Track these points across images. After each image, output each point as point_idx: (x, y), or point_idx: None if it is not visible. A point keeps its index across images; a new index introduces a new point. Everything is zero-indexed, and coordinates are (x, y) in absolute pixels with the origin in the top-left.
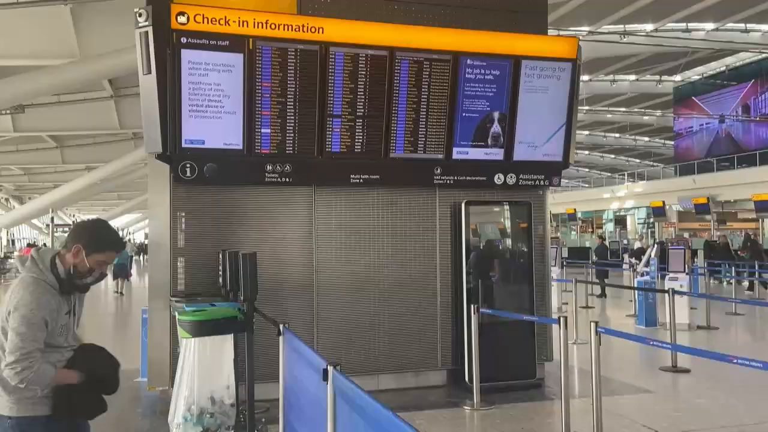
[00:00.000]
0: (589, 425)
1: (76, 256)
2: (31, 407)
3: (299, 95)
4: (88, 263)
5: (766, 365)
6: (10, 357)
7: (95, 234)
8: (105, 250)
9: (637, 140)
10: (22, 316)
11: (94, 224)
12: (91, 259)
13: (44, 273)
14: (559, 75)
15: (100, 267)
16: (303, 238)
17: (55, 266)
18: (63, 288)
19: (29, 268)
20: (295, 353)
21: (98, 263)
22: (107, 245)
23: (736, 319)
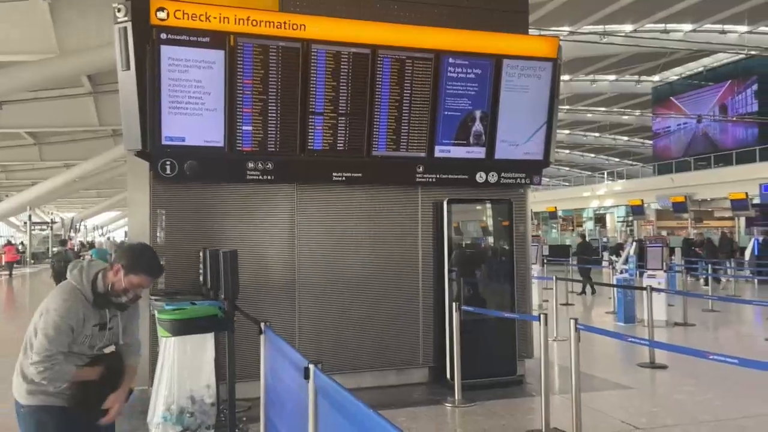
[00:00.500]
0: (569, 421)
1: (115, 275)
2: (47, 398)
3: (281, 92)
4: (123, 283)
5: (741, 361)
6: (35, 357)
7: (134, 257)
8: (139, 273)
9: (616, 139)
10: (53, 321)
11: (137, 248)
12: (126, 279)
13: (83, 284)
14: (539, 74)
15: (135, 289)
16: (285, 237)
17: (96, 280)
18: (97, 302)
19: (74, 276)
20: (276, 352)
21: (132, 285)
22: (142, 269)
23: (712, 316)
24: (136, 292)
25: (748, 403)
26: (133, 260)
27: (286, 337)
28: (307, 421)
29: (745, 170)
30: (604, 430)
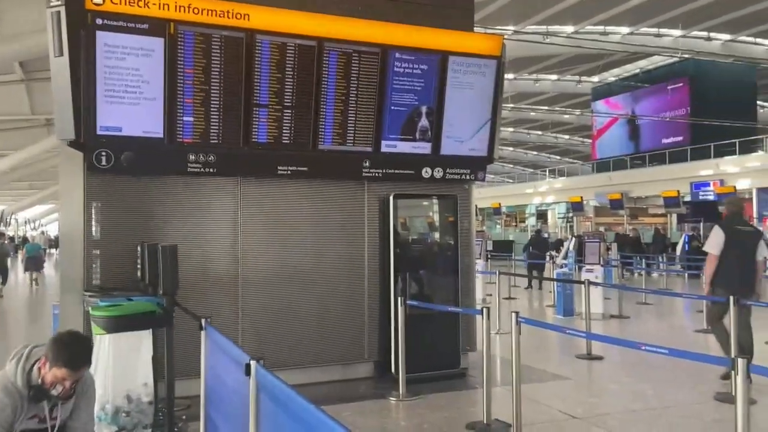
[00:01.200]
0: (510, 412)
1: (43, 367)
2: None
3: (224, 83)
4: (49, 376)
5: (671, 351)
6: None
7: (56, 347)
8: (60, 366)
9: (558, 138)
10: None
11: (61, 338)
12: (51, 372)
13: (17, 378)
14: (484, 72)
15: (61, 382)
16: (227, 231)
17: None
18: (34, 396)
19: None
20: (217, 348)
21: (57, 378)
22: (62, 361)
23: (645, 308)
24: (64, 385)
25: (677, 391)
26: (54, 351)
27: (228, 334)
28: (248, 418)
29: (678, 169)
30: (543, 420)
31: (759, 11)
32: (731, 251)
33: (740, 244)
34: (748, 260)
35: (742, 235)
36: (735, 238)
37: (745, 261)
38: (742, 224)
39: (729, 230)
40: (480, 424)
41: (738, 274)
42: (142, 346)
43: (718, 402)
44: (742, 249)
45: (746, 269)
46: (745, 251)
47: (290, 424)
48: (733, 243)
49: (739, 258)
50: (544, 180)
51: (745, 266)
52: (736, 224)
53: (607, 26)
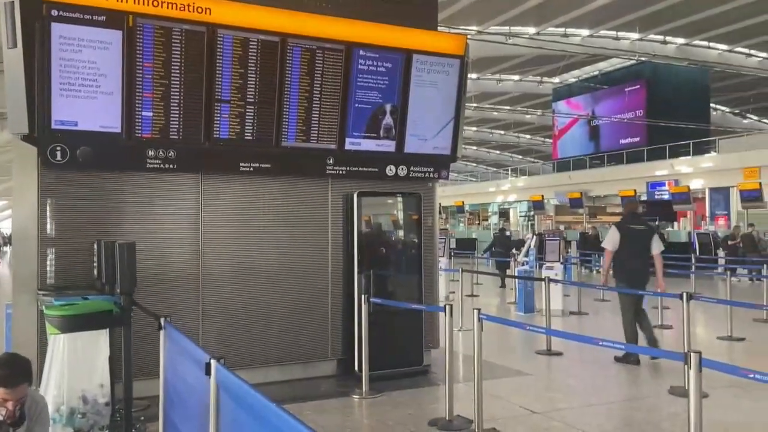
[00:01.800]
0: (472, 408)
1: None
2: None
3: (184, 78)
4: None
5: (627, 347)
6: None
7: None
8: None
9: (520, 137)
10: None
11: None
12: None
13: None
14: (447, 71)
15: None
16: (188, 228)
17: None
18: None
19: None
20: (177, 347)
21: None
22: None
23: (603, 305)
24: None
25: (633, 385)
26: None
27: (189, 333)
28: (209, 418)
29: (634, 169)
30: (504, 415)
31: (712, 16)
32: (625, 247)
33: (633, 241)
34: (641, 255)
35: (635, 232)
36: (629, 236)
37: (638, 256)
38: (636, 223)
39: (623, 229)
40: (442, 420)
41: (631, 268)
42: (98, 346)
43: (672, 396)
44: (636, 245)
45: (640, 263)
46: (639, 247)
47: (251, 423)
48: (628, 240)
49: (632, 253)
50: (507, 179)
51: (639, 260)
52: (630, 223)
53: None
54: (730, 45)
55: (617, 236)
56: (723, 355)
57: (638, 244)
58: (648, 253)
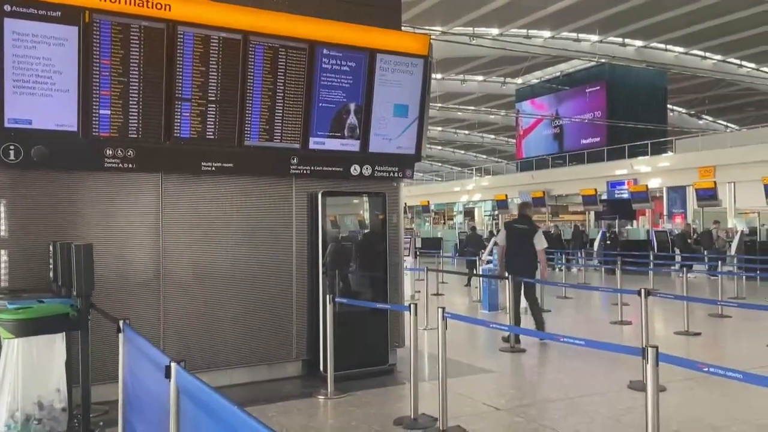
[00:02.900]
0: (437, 406)
1: None
2: None
3: (143, 75)
4: None
5: (587, 342)
6: None
7: None
8: None
9: (484, 137)
10: None
11: None
12: None
13: None
14: (411, 70)
15: None
16: (149, 229)
17: None
18: None
19: None
20: (136, 351)
21: None
22: None
23: (565, 302)
24: None
25: (594, 380)
26: None
27: (150, 336)
28: (169, 423)
29: (595, 169)
30: (468, 412)
31: (669, 19)
32: (511, 244)
33: (516, 239)
34: (522, 251)
35: (518, 231)
36: (513, 234)
37: (519, 252)
38: (520, 223)
39: (509, 228)
40: (407, 419)
41: (513, 262)
42: (54, 350)
43: (631, 390)
44: (517, 242)
45: (521, 259)
46: (520, 244)
47: (212, 426)
48: (513, 238)
49: (515, 249)
50: (471, 178)
51: (520, 257)
52: (515, 223)
53: (530, 30)
54: (687, 47)
55: (504, 234)
56: (680, 350)
57: (520, 241)
58: (530, 249)
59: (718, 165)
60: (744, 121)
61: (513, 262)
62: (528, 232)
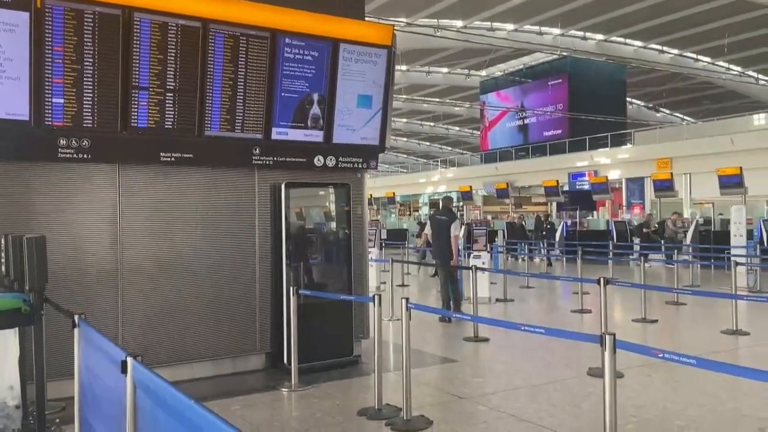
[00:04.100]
0: (401, 396)
1: None
2: None
3: (99, 63)
4: None
5: (547, 331)
6: None
7: None
8: None
9: (449, 129)
10: None
11: None
12: None
13: None
14: (375, 61)
15: None
16: (106, 221)
17: None
18: None
19: None
20: (92, 346)
21: None
22: None
23: (528, 292)
24: None
25: (554, 368)
26: None
27: (108, 331)
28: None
29: (557, 160)
30: (432, 402)
31: (629, 14)
32: (433, 233)
33: (437, 228)
34: (440, 238)
35: (437, 221)
36: (434, 224)
37: (439, 238)
38: (440, 215)
39: (431, 219)
40: (371, 409)
41: (435, 248)
42: (6, 346)
43: (590, 376)
44: (438, 231)
45: (442, 243)
46: (439, 232)
47: (171, 422)
48: (434, 227)
49: (437, 237)
50: (436, 170)
51: (440, 241)
52: (437, 215)
53: (493, 22)
54: (645, 42)
55: (428, 224)
56: (637, 337)
57: (440, 230)
58: (448, 236)
59: (675, 157)
60: (700, 114)
61: (435, 248)
62: (446, 223)
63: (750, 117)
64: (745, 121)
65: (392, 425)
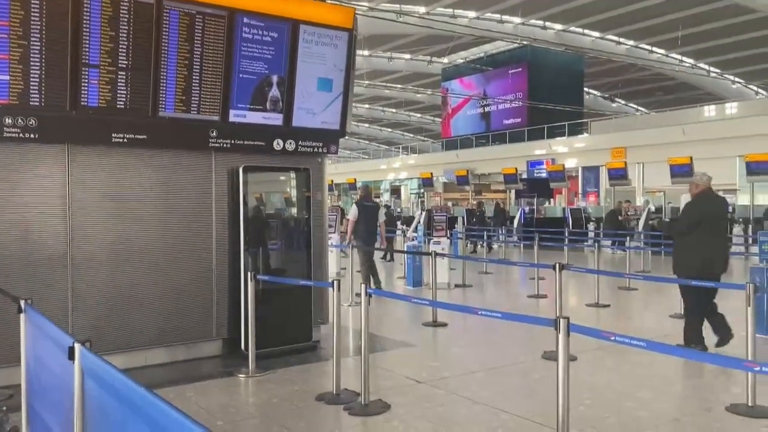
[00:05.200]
0: (359, 381)
1: None
2: None
3: (46, 39)
4: None
5: (504, 315)
6: None
7: None
8: None
9: (411, 116)
10: None
11: None
12: None
13: None
14: (336, 43)
15: None
16: (54, 204)
17: None
18: None
19: None
20: (39, 332)
21: None
22: None
23: (487, 277)
24: None
25: (510, 351)
26: None
27: (58, 317)
28: (74, 406)
29: (516, 148)
30: (390, 386)
31: (587, 4)
32: (361, 219)
33: (366, 214)
34: (369, 224)
35: (367, 208)
36: (363, 211)
37: (368, 224)
38: (367, 202)
39: (360, 206)
40: (329, 394)
41: (365, 233)
42: None
43: (545, 360)
44: (368, 217)
45: (371, 230)
46: (369, 218)
47: (120, 409)
48: (362, 213)
49: (366, 223)
50: (398, 157)
51: (370, 228)
52: (364, 202)
53: (456, 9)
54: (603, 32)
55: (356, 210)
56: (590, 321)
57: (368, 216)
58: (376, 222)
59: (629, 146)
60: (653, 105)
61: (362, 232)
62: (375, 209)
63: (701, 108)
64: (696, 112)
65: (350, 410)
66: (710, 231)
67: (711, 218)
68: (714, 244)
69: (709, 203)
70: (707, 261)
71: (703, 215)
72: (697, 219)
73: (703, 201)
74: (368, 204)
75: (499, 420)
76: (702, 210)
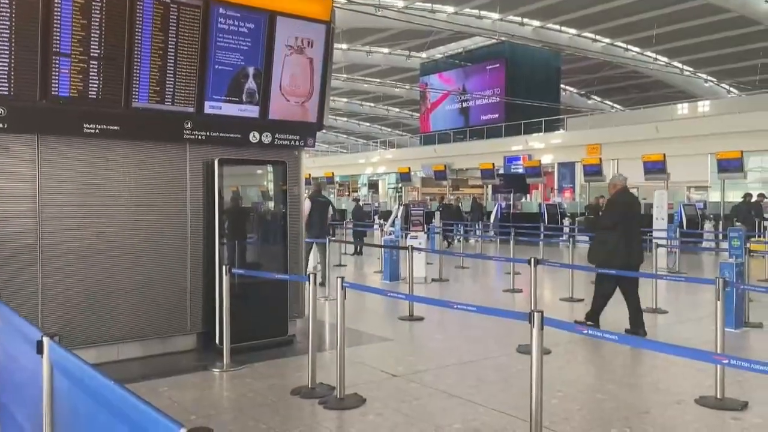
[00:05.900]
0: (335, 375)
1: None
2: None
3: (16, 27)
4: None
5: (479, 309)
6: None
7: None
8: None
9: (389, 110)
10: None
11: None
12: None
13: None
14: (313, 36)
15: None
16: (23, 196)
17: None
18: None
19: None
20: (7, 326)
21: None
22: None
23: (463, 272)
24: None
25: (486, 345)
26: None
27: (27, 311)
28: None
29: (493, 144)
30: (366, 380)
31: (564, 2)
32: (314, 213)
33: (318, 208)
34: (323, 217)
35: (318, 203)
36: (316, 205)
37: (321, 217)
38: (319, 197)
39: (313, 200)
40: (304, 388)
41: (318, 226)
42: None
43: (519, 353)
44: (320, 210)
45: (323, 222)
46: (320, 212)
47: (90, 404)
48: (315, 207)
49: (319, 216)
50: (376, 151)
51: (322, 220)
52: (317, 197)
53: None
54: (579, 30)
55: (308, 204)
56: (564, 315)
57: (320, 209)
58: (327, 216)
59: (604, 143)
60: (628, 102)
61: (315, 225)
62: (325, 204)
63: (674, 106)
64: (670, 110)
65: (325, 404)
66: (629, 225)
67: (630, 214)
68: (632, 237)
69: (627, 200)
70: (626, 254)
71: (625, 212)
72: (620, 215)
73: (621, 198)
74: (320, 199)
75: (474, 413)
76: (623, 207)
